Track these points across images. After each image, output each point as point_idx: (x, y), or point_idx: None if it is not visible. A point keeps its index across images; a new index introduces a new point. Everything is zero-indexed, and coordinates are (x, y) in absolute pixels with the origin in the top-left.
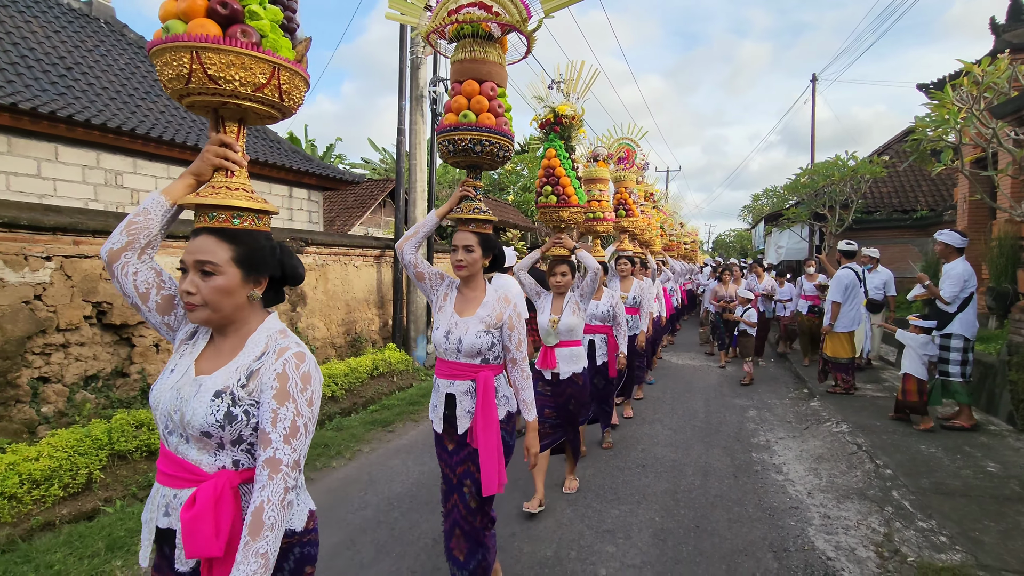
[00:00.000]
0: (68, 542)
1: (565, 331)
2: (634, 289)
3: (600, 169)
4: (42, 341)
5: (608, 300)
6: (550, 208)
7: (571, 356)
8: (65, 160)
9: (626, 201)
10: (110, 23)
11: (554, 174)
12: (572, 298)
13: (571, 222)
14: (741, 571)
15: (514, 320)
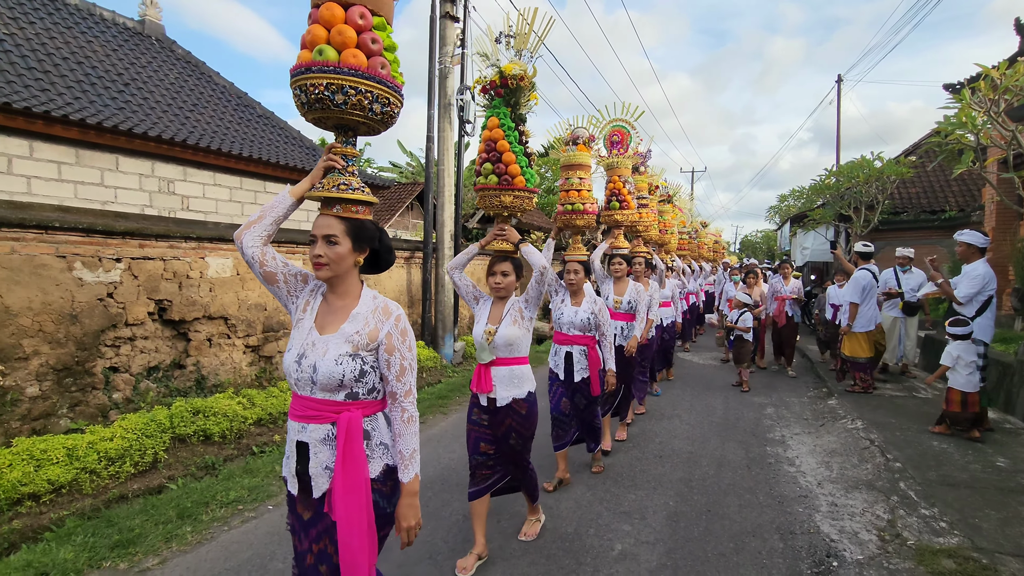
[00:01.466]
0: (143, 511)
1: (503, 345)
2: (629, 292)
3: (580, 154)
4: (113, 335)
5: (589, 306)
6: (489, 191)
7: (512, 378)
8: (124, 170)
9: (620, 191)
10: (160, 40)
11: (495, 149)
12: (515, 304)
13: (515, 209)
14: (748, 549)
15: (395, 340)
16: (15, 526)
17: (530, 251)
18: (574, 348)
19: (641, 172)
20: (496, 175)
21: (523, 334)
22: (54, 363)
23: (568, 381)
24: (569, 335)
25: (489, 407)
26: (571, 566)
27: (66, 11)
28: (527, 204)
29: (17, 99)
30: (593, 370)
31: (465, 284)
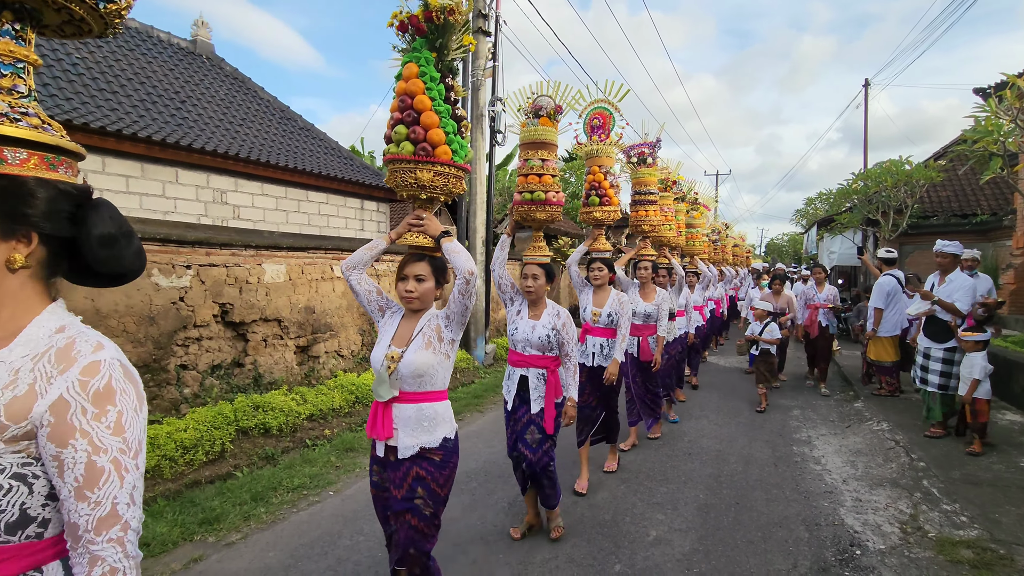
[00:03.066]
0: (220, 494)
1: (411, 376)
2: (611, 303)
3: (543, 129)
4: (183, 335)
5: (550, 320)
6: (401, 164)
7: (420, 419)
8: (183, 182)
9: (600, 184)
10: (211, 58)
11: (411, 107)
12: (432, 321)
13: (438, 190)
14: (775, 539)
15: (74, 413)
16: None
17: (454, 249)
18: (530, 372)
19: (649, 165)
20: (411, 142)
21: (439, 361)
22: (136, 360)
23: (520, 411)
24: (524, 355)
25: (388, 459)
26: (610, 548)
27: (128, 34)
28: (455, 185)
29: (91, 119)
30: (550, 399)
31: (365, 289)
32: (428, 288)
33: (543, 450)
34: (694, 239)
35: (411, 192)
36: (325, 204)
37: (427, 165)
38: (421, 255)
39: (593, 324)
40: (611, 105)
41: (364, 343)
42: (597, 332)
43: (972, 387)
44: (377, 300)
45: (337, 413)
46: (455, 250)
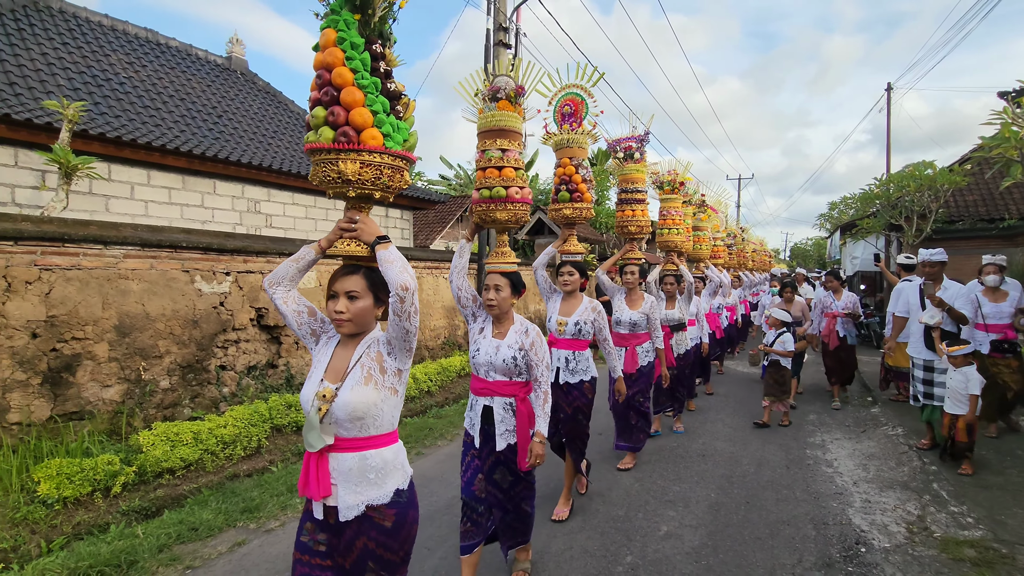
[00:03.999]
0: (258, 485)
1: (347, 419)
2: (580, 312)
3: (503, 114)
4: (223, 337)
5: (516, 340)
6: (321, 155)
7: (364, 470)
8: (220, 192)
9: (571, 178)
10: (244, 74)
11: (330, 83)
12: (373, 348)
13: (370, 185)
14: (782, 536)
15: None
16: (159, 494)
17: (388, 258)
18: (495, 401)
19: (637, 160)
20: (330, 127)
21: (383, 398)
22: (180, 361)
23: (485, 449)
24: (487, 381)
25: (328, 522)
26: (622, 541)
27: (169, 52)
28: (395, 178)
29: (138, 135)
30: (523, 433)
31: (293, 309)
32: (363, 308)
33: (515, 492)
34: (701, 243)
35: (336, 189)
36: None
37: (351, 154)
38: (355, 267)
39: (558, 335)
40: (583, 91)
41: None
42: (562, 344)
43: (974, 404)
44: (309, 323)
45: None
46: (389, 259)
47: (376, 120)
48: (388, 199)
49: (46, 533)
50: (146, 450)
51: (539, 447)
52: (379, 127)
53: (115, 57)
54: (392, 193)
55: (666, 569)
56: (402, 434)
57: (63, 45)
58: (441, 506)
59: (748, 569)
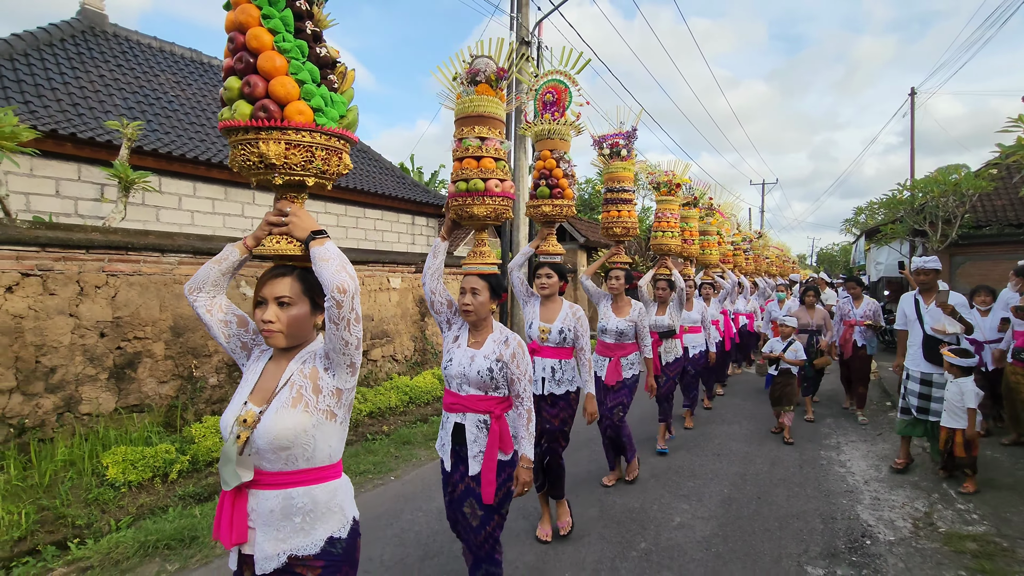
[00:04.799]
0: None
1: (270, 449)
2: (563, 317)
3: (482, 99)
4: None
5: (494, 349)
6: (238, 136)
7: (289, 512)
8: (259, 203)
9: (551, 172)
10: None
11: (245, 47)
12: (308, 364)
13: (300, 170)
14: (790, 528)
15: None
16: (210, 481)
17: (322, 255)
18: (467, 418)
19: (624, 158)
20: (246, 100)
21: (316, 423)
22: (227, 360)
23: (456, 473)
24: (460, 395)
25: (243, 572)
26: (636, 530)
27: (211, 71)
28: (332, 162)
29: (186, 150)
30: (491, 457)
31: (219, 318)
32: (296, 316)
33: (486, 532)
34: (709, 247)
35: (259, 177)
36: (380, 220)
37: (274, 133)
38: (288, 268)
39: (541, 343)
40: (567, 78)
41: (416, 349)
42: (547, 353)
43: (972, 418)
44: (239, 335)
45: (393, 411)
46: (324, 256)
47: (303, 92)
48: (326, 187)
49: (114, 512)
50: (198, 441)
51: (525, 474)
52: (307, 100)
53: (163, 77)
54: (330, 180)
55: (677, 555)
56: (428, 433)
57: (118, 67)
58: None
59: (755, 557)
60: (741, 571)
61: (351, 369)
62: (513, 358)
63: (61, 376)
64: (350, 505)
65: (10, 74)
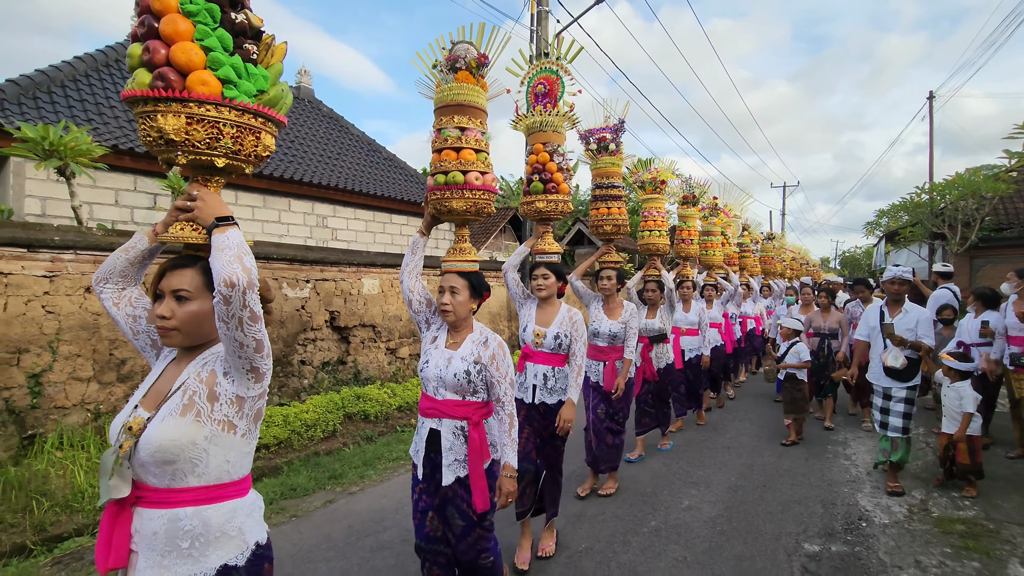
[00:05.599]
0: (338, 460)
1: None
2: (560, 322)
3: (462, 87)
4: (303, 336)
5: (472, 351)
6: (139, 107)
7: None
8: (294, 210)
9: (545, 166)
10: (311, 101)
11: (151, 11)
12: (208, 367)
13: (206, 148)
14: (791, 512)
15: None
16: (258, 464)
17: (220, 244)
18: (443, 424)
19: (612, 152)
20: (147, 67)
21: (210, 436)
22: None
23: (432, 482)
24: (436, 399)
25: None
26: (647, 510)
27: None
28: (242, 141)
29: None
30: (475, 466)
31: (126, 313)
32: (195, 312)
33: (470, 541)
34: (712, 248)
35: (163, 154)
36: (406, 225)
37: (173, 104)
38: (190, 259)
39: (535, 348)
40: (559, 67)
41: None
42: (540, 358)
43: (965, 422)
44: (148, 331)
45: None
46: (219, 246)
47: (210, 60)
48: (242, 169)
49: None
50: None
51: (509, 483)
52: (214, 70)
53: None
54: (248, 162)
55: (684, 532)
56: None
57: None
58: None
59: (756, 535)
60: (743, 546)
61: (254, 375)
62: (492, 360)
63: (130, 367)
64: (254, 528)
65: (75, 94)
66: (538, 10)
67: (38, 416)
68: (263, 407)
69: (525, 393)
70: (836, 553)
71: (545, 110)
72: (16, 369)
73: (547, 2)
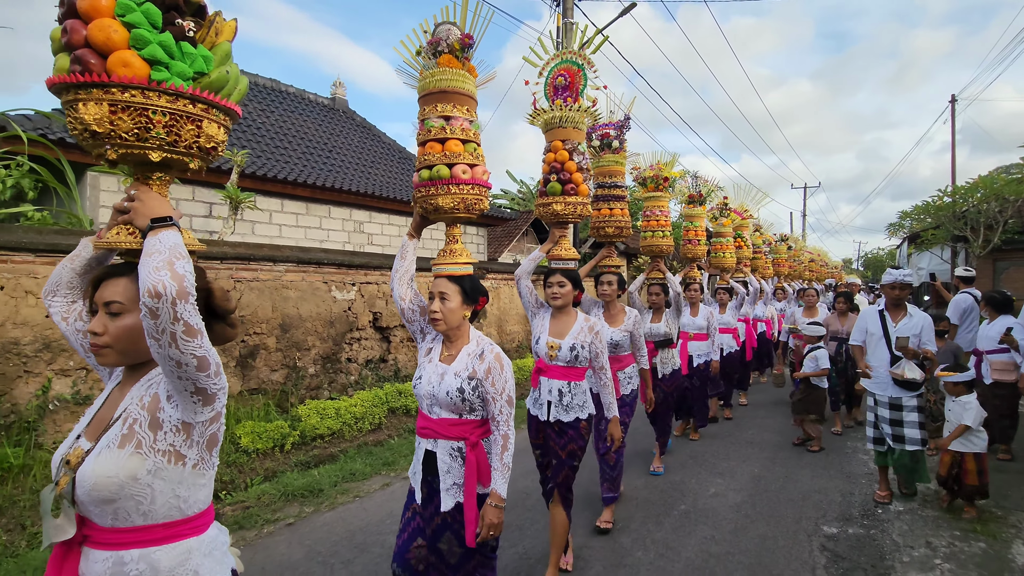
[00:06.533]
0: (388, 450)
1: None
2: (575, 334)
3: (445, 72)
4: (349, 336)
5: (466, 365)
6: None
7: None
8: (334, 216)
9: (563, 165)
10: (345, 112)
11: None
12: (151, 391)
13: (135, 140)
14: (811, 500)
15: None
16: (315, 452)
17: (149, 249)
18: (439, 445)
19: (616, 150)
20: (67, 50)
21: (153, 469)
22: (322, 353)
23: (430, 506)
24: (431, 418)
25: None
26: (677, 496)
27: (289, 98)
28: (180, 130)
29: (276, 171)
30: (471, 492)
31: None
32: (130, 327)
33: (469, 568)
34: (722, 250)
35: (93, 148)
36: (435, 230)
37: (93, 91)
38: (128, 266)
39: (549, 361)
40: (582, 59)
41: None
42: (554, 373)
43: (957, 433)
44: None
45: None
46: (149, 250)
47: (133, 38)
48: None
49: (248, 473)
50: (304, 419)
51: (493, 513)
52: (138, 48)
53: (252, 106)
54: (192, 156)
55: (712, 515)
56: None
57: None
58: None
59: (778, 518)
60: (765, 527)
61: (200, 397)
62: (488, 374)
63: None
64: (214, 569)
65: None
66: (564, 22)
67: None
68: (219, 431)
69: (540, 410)
70: (853, 535)
71: (565, 104)
72: None
73: (572, 14)
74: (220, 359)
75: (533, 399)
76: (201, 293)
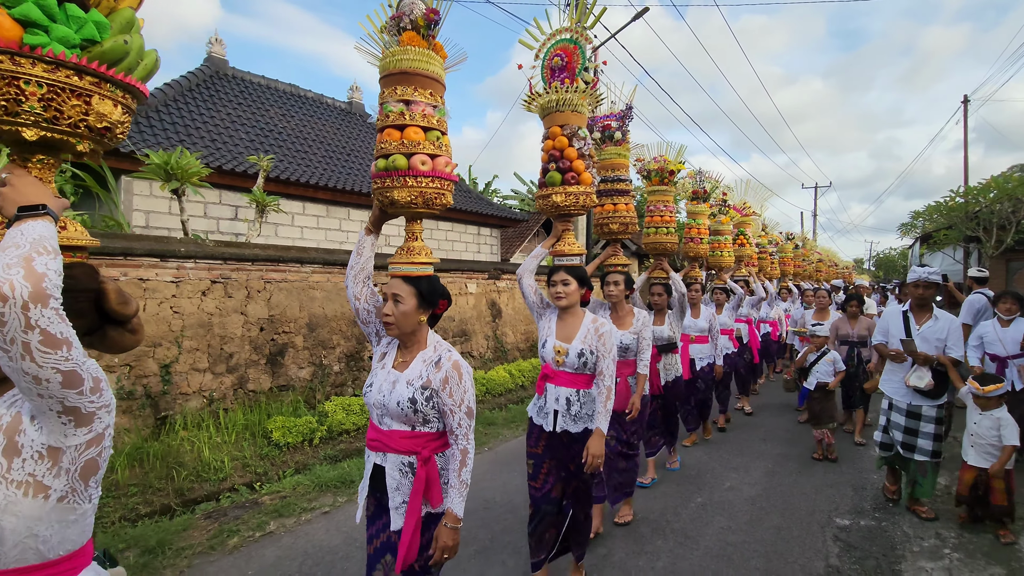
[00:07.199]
0: None
1: None
2: (582, 337)
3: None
4: None
5: (421, 373)
6: None
7: None
8: (353, 218)
9: (563, 153)
10: (362, 116)
11: None
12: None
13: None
14: (824, 494)
15: None
16: (342, 447)
17: (14, 239)
18: (388, 459)
19: (619, 142)
20: None
21: (6, 503)
22: (346, 351)
23: (377, 523)
24: (381, 430)
25: None
26: (693, 489)
27: (309, 103)
28: (59, 106)
29: (299, 175)
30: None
31: None
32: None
33: None
34: (720, 248)
35: None
36: (451, 231)
37: None
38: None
39: (556, 367)
40: (579, 35)
41: (489, 347)
42: (562, 379)
43: (1006, 456)
44: None
45: None
46: (6, 243)
47: (29, 6)
48: (72, 146)
49: (280, 466)
50: (330, 415)
51: (448, 535)
52: (8, 7)
53: (273, 112)
54: (80, 137)
55: (728, 507)
56: (507, 417)
57: (239, 106)
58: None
59: (792, 511)
60: (780, 519)
61: (72, 417)
62: (444, 384)
63: (236, 360)
64: None
65: (167, 118)
66: None
67: (168, 400)
68: (100, 456)
69: (545, 420)
70: (865, 526)
71: (563, 86)
72: (151, 360)
73: None
74: (103, 373)
75: (537, 407)
76: (90, 295)
